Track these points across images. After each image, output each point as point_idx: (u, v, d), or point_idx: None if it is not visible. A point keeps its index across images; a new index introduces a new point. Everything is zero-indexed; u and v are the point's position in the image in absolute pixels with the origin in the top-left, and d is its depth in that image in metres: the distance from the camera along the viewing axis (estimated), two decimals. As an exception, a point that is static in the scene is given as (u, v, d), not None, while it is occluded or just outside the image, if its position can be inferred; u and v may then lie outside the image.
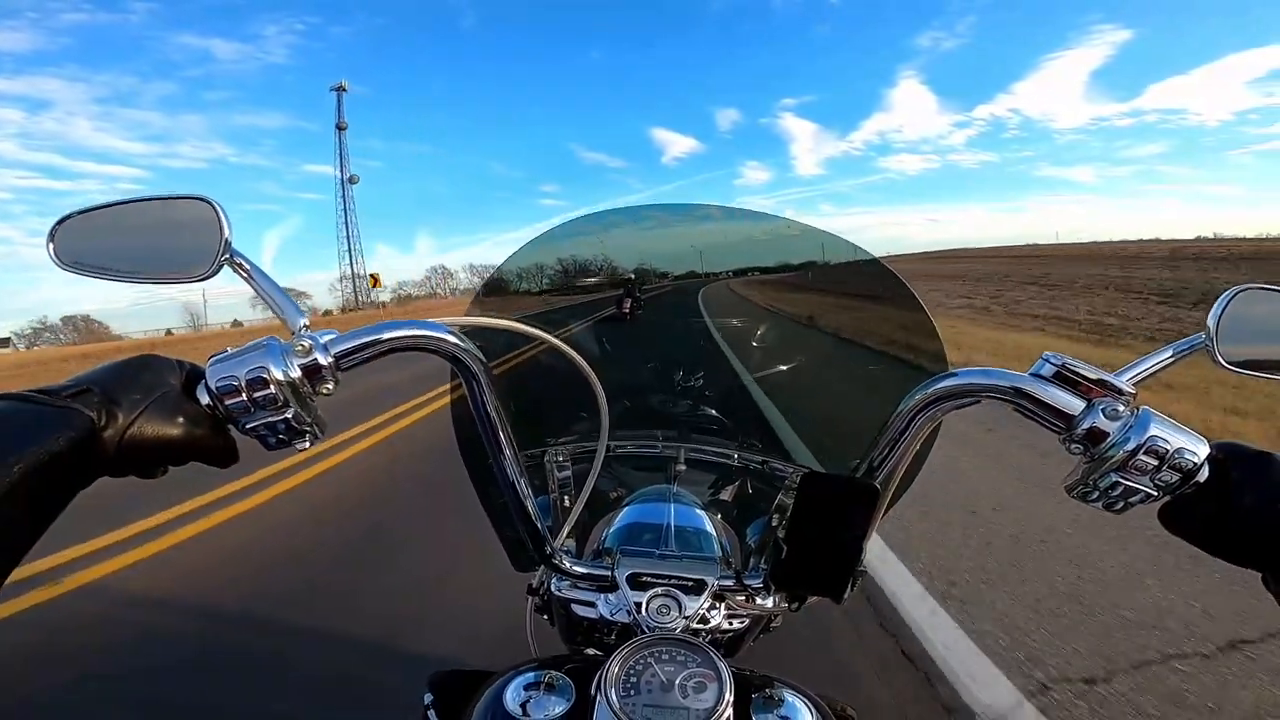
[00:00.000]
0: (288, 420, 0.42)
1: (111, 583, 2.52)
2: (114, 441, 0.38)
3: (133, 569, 2.63)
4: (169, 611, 2.29)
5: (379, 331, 0.45)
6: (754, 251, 1.08)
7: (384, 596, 2.31)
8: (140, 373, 0.40)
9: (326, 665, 1.89)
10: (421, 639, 2.01)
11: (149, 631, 2.16)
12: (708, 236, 1.06)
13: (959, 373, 0.46)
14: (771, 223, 1.00)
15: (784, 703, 0.47)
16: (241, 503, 3.30)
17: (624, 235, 1.04)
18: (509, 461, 0.54)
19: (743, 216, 1.01)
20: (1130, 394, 0.43)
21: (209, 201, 0.47)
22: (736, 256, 1.11)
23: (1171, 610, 1.98)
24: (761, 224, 1.02)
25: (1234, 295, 0.47)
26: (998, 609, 2.04)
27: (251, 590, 2.39)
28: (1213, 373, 0.50)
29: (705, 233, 1.05)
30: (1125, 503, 0.43)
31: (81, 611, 2.30)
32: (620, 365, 0.95)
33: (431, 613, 2.16)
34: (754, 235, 1.04)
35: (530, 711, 0.46)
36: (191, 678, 1.87)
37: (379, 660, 1.91)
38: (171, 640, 2.10)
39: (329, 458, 4.07)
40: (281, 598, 2.32)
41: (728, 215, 1.02)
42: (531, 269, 1.00)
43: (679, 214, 1.04)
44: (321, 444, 3.00)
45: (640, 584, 0.59)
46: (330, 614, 2.17)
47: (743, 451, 0.85)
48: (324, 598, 2.30)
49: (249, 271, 0.46)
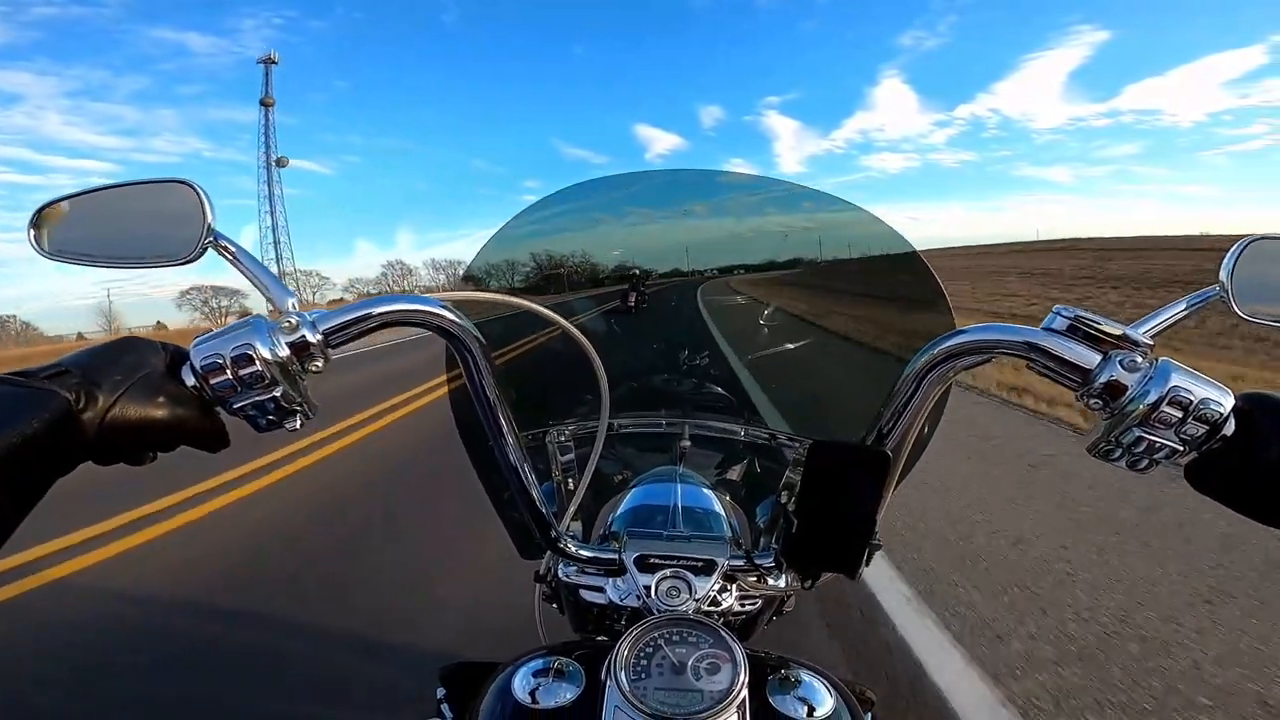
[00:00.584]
0: (276, 399, 0.41)
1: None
2: (94, 424, 0.36)
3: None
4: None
5: (369, 306, 0.44)
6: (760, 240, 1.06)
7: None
8: (121, 354, 0.39)
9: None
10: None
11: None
12: (712, 226, 1.04)
13: (968, 330, 0.45)
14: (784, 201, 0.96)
15: (801, 684, 0.46)
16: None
17: (626, 218, 1.02)
18: (510, 444, 0.53)
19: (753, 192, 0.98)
20: (1148, 345, 0.42)
21: (191, 185, 0.46)
22: (741, 247, 1.09)
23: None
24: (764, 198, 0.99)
25: (1245, 247, 0.46)
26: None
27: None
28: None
29: (711, 223, 1.03)
30: (1150, 459, 0.42)
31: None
32: (622, 346, 0.94)
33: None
34: (756, 223, 1.02)
35: (540, 699, 0.44)
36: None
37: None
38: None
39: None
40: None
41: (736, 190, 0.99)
42: (526, 252, 0.97)
43: (689, 189, 1.01)
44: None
45: (649, 566, 0.57)
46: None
47: (749, 427, 0.84)
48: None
49: (233, 253, 0.45)
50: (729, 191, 1.01)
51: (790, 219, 0.98)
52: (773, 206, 0.98)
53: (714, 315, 1.03)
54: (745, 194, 1.00)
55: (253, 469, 3.74)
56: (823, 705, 0.45)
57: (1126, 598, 2.00)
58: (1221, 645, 1.74)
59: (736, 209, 1.03)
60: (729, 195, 1.02)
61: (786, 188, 0.91)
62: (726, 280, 1.12)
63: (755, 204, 1.00)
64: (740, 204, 1.02)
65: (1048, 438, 3.91)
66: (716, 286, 1.10)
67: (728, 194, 1.01)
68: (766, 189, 0.96)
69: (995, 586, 2.11)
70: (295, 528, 3.01)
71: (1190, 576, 2.11)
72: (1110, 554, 2.29)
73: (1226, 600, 1.96)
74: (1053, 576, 2.16)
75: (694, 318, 1.03)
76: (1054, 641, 1.79)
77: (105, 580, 2.48)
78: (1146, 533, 2.44)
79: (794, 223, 0.99)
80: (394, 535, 2.84)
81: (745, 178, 1.00)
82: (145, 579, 2.48)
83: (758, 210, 1.01)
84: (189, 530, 2.97)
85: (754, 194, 0.99)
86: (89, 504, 3.01)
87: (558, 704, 0.44)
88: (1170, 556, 2.25)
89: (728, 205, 1.04)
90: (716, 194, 1.02)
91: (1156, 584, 2.08)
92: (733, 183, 1.00)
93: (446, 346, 0.49)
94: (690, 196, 1.03)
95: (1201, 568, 2.15)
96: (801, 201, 0.93)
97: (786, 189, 0.91)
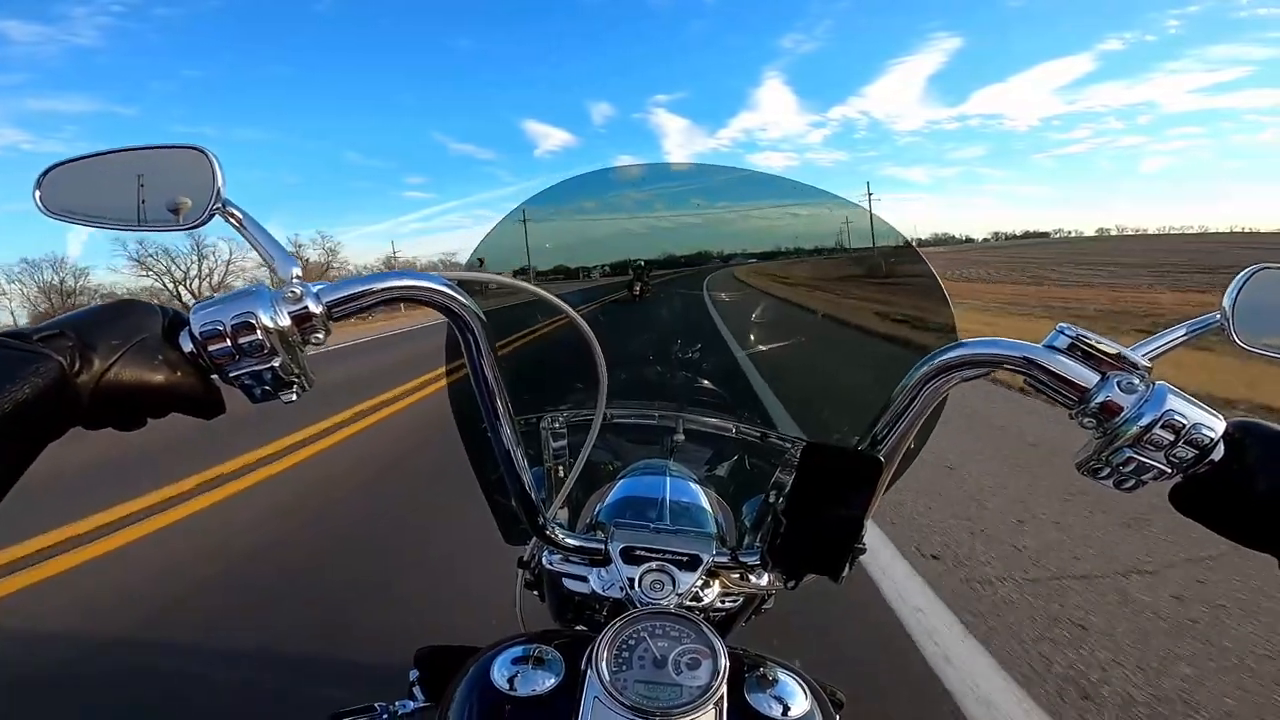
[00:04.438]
0: (274, 369, 0.40)
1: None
2: (88, 388, 0.35)
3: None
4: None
5: (372, 282, 0.44)
6: (765, 232, 1.06)
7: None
8: (119, 317, 0.38)
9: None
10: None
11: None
12: (719, 219, 1.04)
13: (969, 343, 0.45)
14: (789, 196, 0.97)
15: (777, 683, 0.46)
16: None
17: (634, 209, 1.02)
18: (505, 428, 0.53)
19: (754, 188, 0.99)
20: (1146, 368, 0.42)
21: (203, 151, 0.46)
22: (746, 238, 1.09)
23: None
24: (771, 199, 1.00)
25: (1250, 276, 0.46)
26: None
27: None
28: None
29: (718, 216, 1.03)
30: (1137, 480, 0.42)
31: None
32: (623, 335, 0.94)
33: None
34: (763, 216, 1.02)
35: (518, 686, 0.44)
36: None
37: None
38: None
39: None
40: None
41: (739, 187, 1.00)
42: (534, 238, 0.97)
43: (699, 182, 1.02)
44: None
45: (634, 558, 0.57)
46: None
47: (741, 424, 0.84)
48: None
49: (240, 220, 0.45)
50: (737, 186, 1.01)
51: (797, 216, 0.98)
52: (780, 202, 0.98)
53: (718, 307, 1.03)
54: (753, 189, 1.00)
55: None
56: (798, 705, 0.45)
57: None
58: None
59: (744, 204, 1.04)
60: (737, 190, 1.02)
61: (795, 186, 0.92)
62: (732, 272, 1.12)
63: (763, 199, 1.00)
64: (748, 199, 1.03)
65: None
66: (722, 279, 1.10)
67: (736, 188, 1.02)
68: (775, 185, 0.96)
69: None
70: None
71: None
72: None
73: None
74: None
75: (698, 309, 1.03)
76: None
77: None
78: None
79: (801, 220, 0.99)
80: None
81: (754, 174, 1.00)
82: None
83: (765, 205, 1.01)
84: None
85: (762, 190, 0.99)
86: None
87: (536, 692, 0.44)
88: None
89: (735, 200, 1.04)
90: (725, 188, 1.02)
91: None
92: (741, 178, 1.00)
93: (448, 328, 0.49)
94: (699, 189, 1.03)
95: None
96: (810, 199, 0.93)
97: (795, 187, 0.92)
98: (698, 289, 1.06)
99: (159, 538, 2.81)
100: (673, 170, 1.04)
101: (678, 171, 1.04)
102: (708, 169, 1.02)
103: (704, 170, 1.03)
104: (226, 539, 2.77)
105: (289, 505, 3.18)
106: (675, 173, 1.04)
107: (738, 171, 0.98)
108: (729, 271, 1.12)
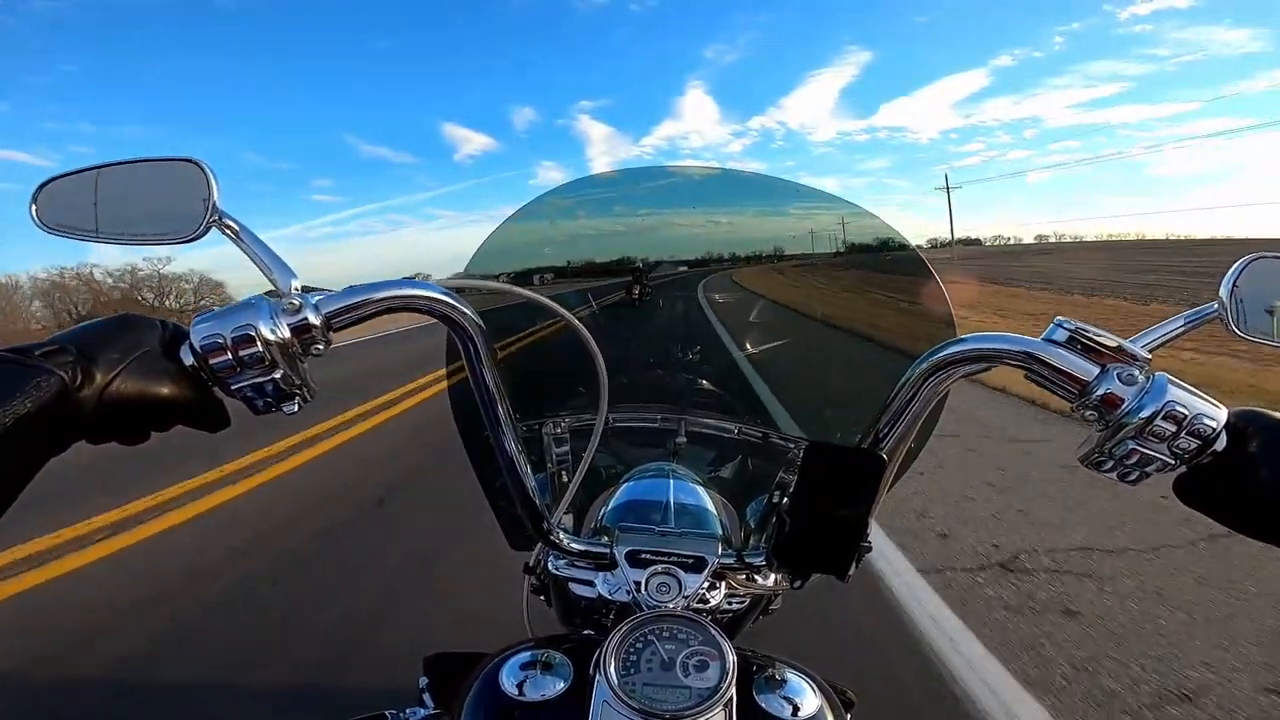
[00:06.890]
0: (275, 381, 0.40)
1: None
2: (90, 403, 0.36)
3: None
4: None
5: (371, 291, 0.44)
6: (765, 234, 1.06)
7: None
8: (120, 331, 0.39)
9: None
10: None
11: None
12: (717, 221, 1.04)
13: (968, 338, 0.45)
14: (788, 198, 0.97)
15: (786, 683, 0.46)
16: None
17: (631, 212, 1.02)
18: (507, 435, 0.53)
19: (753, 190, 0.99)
20: (1145, 359, 0.42)
21: (197, 163, 0.46)
22: (746, 239, 1.09)
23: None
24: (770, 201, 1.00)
25: (1245, 265, 0.46)
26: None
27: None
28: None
29: (716, 218, 1.03)
30: (1141, 472, 0.42)
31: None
32: (622, 338, 0.94)
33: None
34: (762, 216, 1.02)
35: (526, 691, 0.44)
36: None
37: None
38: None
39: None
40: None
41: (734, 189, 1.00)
42: (531, 243, 0.97)
43: (697, 185, 1.01)
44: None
45: (640, 562, 0.57)
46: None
47: (743, 425, 0.84)
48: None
49: (236, 231, 0.45)
50: (736, 188, 1.01)
51: (797, 218, 0.99)
52: (779, 204, 0.99)
53: (715, 310, 1.03)
54: (752, 191, 1.00)
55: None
56: (807, 705, 0.45)
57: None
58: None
59: (743, 206, 1.04)
60: (736, 192, 1.02)
61: (794, 187, 0.92)
62: (730, 274, 1.12)
63: (762, 201, 1.00)
64: (746, 201, 1.03)
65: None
66: (720, 281, 1.10)
67: (735, 191, 1.02)
68: (774, 187, 0.97)
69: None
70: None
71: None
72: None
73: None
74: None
75: (696, 311, 1.03)
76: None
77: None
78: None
79: (800, 221, 0.99)
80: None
81: (753, 176, 1.00)
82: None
83: (764, 207, 1.01)
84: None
85: (761, 191, 0.99)
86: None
87: (545, 696, 0.44)
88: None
89: (734, 202, 1.04)
90: (724, 190, 1.03)
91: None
92: (741, 180, 1.00)
93: (448, 334, 0.49)
94: (698, 192, 1.03)
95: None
96: (809, 201, 0.94)
97: (794, 189, 0.93)
98: (696, 291, 1.06)
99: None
100: (672, 172, 1.04)
101: (678, 173, 1.04)
102: (708, 170, 1.02)
103: (704, 172, 1.03)
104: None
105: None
106: (675, 174, 1.04)
107: (737, 173, 0.99)
108: (728, 274, 1.12)
